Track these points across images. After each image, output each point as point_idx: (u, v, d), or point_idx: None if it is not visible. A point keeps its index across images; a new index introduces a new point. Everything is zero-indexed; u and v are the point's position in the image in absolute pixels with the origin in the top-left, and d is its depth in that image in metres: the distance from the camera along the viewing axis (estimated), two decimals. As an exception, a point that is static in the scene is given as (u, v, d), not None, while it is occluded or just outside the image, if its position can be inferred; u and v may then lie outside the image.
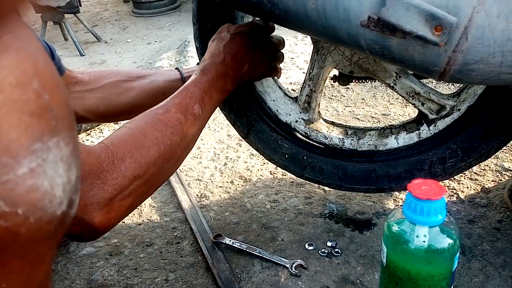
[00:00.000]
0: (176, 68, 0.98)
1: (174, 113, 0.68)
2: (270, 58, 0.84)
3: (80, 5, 2.61)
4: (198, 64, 0.97)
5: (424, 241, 0.52)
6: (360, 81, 0.93)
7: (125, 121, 0.70)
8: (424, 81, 0.90)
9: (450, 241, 0.53)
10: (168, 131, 0.66)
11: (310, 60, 0.90)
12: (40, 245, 0.31)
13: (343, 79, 0.92)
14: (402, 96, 0.89)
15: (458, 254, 0.55)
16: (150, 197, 1.13)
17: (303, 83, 0.93)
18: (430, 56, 0.58)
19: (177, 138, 0.67)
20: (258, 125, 0.92)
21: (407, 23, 0.56)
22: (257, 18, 0.89)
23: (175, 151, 0.66)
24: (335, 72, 0.91)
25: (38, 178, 0.28)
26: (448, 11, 0.55)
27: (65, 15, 2.58)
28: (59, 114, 0.30)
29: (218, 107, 0.90)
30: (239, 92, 0.90)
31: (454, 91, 0.90)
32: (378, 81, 0.89)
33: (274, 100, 0.94)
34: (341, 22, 0.60)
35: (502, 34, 0.55)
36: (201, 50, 0.86)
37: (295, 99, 0.95)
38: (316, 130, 0.96)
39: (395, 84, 0.87)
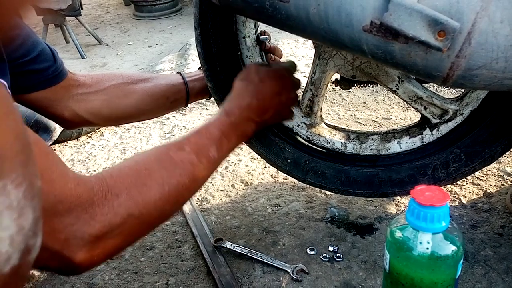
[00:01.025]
0: (178, 72, 0.98)
1: (187, 153, 0.64)
2: (293, 102, 0.84)
3: (82, 8, 2.62)
4: (199, 69, 0.97)
5: (427, 248, 0.52)
6: (362, 86, 0.92)
7: (126, 124, 0.69)
8: (427, 85, 0.89)
9: (454, 248, 0.52)
10: (176, 172, 0.61)
11: (312, 64, 0.90)
12: None
13: (345, 83, 0.91)
14: (405, 101, 0.88)
15: (461, 261, 0.54)
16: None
17: (305, 88, 0.92)
18: (433, 61, 0.58)
19: (185, 181, 0.61)
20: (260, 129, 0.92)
21: (410, 28, 0.56)
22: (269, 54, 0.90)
23: (181, 194, 0.61)
24: (337, 76, 0.91)
25: None
26: (451, 16, 0.55)
27: (67, 18, 2.58)
28: (6, 152, 0.27)
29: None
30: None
31: (457, 95, 0.89)
32: (380, 86, 0.89)
33: (276, 104, 0.94)
34: (343, 27, 0.60)
35: (506, 40, 0.55)
36: (203, 55, 0.86)
37: (297, 104, 0.94)
38: (318, 135, 0.95)
39: (397, 89, 0.87)
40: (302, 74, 1.75)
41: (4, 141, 0.27)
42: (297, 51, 2.01)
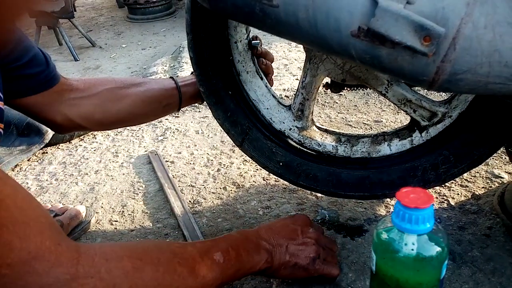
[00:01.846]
0: (171, 77, 0.99)
1: (190, 250, 0.61)
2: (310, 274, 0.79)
3: (75, 10, 2.62)
4: (192, 73, 0.97)
5: (412, 249, 0.53)
6: (352, 89, 0.94)
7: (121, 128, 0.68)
8: (416, 88, 0.91)
9: (439, 249, 0.54)
10: (174, 260, 0.57)
11: (303, 68, 0.91)
12: None
13: (336, 86, 0.93)
14: (394, 104, 0.90)
15: (446, 261, 0.55)
16: (142, 203, 1.13)
17: (296, 91, 0.94)
18: (419, 66, 0.59)
19: (183, 270, 0.57)
20: (252, 133, 0.93)
21: (396, 33, 0.57)
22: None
23: (175, 281, 0.56)
24: (327, 80, 0.92)
25: None
26: (437, 22, 0.56)
27: (60, 20, 2.58)
28: None
29: (212, 115, 0.91)
30: (233, 101, 0.91)
31: (446, 98, 0.91)
32: (370, 89, 0.90)
33: (268, 109, 0.95)
34: (332, 32, 0.61)
35: (489, 45, 0.56)
36: (195, 60, 0.86)
37: (289, 107, 0.95)
38: (310, 138, 0.96)
39: (387, 92, 0.88)
40: (295, 77, 1.76)
41: None
42: (290, 54, 2.02)
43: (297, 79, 1.71)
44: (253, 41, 0.91)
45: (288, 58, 1.98)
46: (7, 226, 0.44)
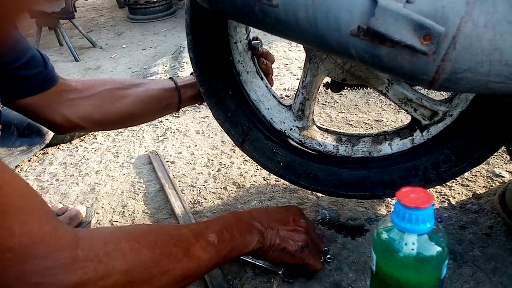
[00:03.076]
0: (170, 78, 0.99)
1: (185, 232, 0.63)
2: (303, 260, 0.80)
3: (75, 11, 2.62)
4: (192, 74, 0.97)
5: (412, 249, 0.53)
6: (353, 88, 0.93)
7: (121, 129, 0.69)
8: (416, 87, 0.91)
9: (439, 248, 0.53)
10: (170, 242, 0.59)
11: (303, 68, 0.91)
12: None
13: (336, 86, 0.93)
14: (395, 103, 0.89)
15: (446, 261, 0.55)
16: (143, 203, 1.13)
17: (297, 91, 0.93)
18: (419, 65, 0.59)
19: (179, 252, 0.59)
20: (253, 133, 0.93)
21: (396, 32, 0.57)
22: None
23: (172, 264, 0.57)
24: (328, 79, 0.92)
25: None
26: (436, 20, 0.56)
27: (60, 20, 2.58)
28: None
29: (212, 116, 0.91)
30: (233, 102, 0.91)
31: (446, 97, 0.91)
32: (371, 88, 0.90)
33: (268, 109, 0.95)
34: (331, 31, 0.61)
35: (489, 44, 0.56)
36: (195, 60, 0.86)
37: (289, 107, 0.95)
38: (311, 138, 0.96)
39: (387, 91, 0.88)
40: (295, 77, 1.76)
41: None
42: (290, 53, 2.02)
43: (297, 79, 1.71)
44: (253, 42, 0.91)
45: (288, 57, 1.98)
46: (8, 212, 0.45)
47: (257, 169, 1.22)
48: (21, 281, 0.45)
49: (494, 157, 1.16)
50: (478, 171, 1.12)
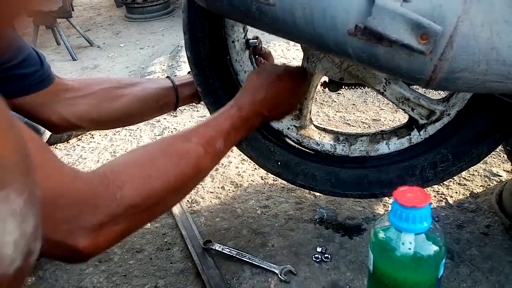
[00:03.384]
0: (168, 77, 0.99)
1: (194, 144, 0.65)
2: (301, 101, 0.86)
3: (73, 10, 2.61)
4: (189, 73, 0.97)
5: (410, 248, 0.53)
6: (351, 88, 0.93)
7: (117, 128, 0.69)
8: (414, 86, 0.91)
9: (436, 248, 0.53)
10: (182, 163, 0.62)
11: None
12: None
13: (333, 85, 0.92)
14: (392, 102, 0.89)
15: (444, 260, 0.55)
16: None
17: (294, 90, 0.93)
18: (417, 64, 0.59)
19: (190, 171, 0.63)
20: None
21: (393, 32, 0.56)
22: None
23: (184, 184, 0.63)
24: (325, 78, 0.92)
25: None
26: (434, 20, 0.56)
27: (58, 19, 2.57)
28: (8, 163, 0.28)
29: (210, 115, 0.91)
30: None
31: (444, 96, 0.90)
32: (368, 87, 0.90)
33: (265, 108, 0.94)
34: (328, 30, 0.61)
35: (487, 43, 0.56)
36: (193, 60, 0.86)
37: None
38: (308, 137, 0.96)
39: (384, 90, 0.88)
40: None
41: (6, 153, 0.28)
42: (288, 53, 2.02)
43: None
44: (250, 41, 0.91)
45: (286, 57, 1.98)
46: (34, 168, 0.47)
47: (255, 169, 1.21)
48: (55, 230, 0.49)
49: (491, 156, 1.16)
50: (476, 170, 1.12)
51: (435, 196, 1.05)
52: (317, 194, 1.08)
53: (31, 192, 0.30)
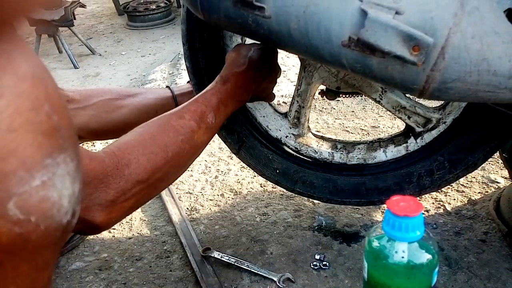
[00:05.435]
0: (167, 87, 1.00)
1: (187, 120, 0.70)
2: (274, 84, 0.89)
3: (75, 18, 2.63)
4: (188, 82, 0.98)
5: (403, 257, 0.54)
6: (347, 96, 0.94)
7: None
8: (409, 95, 0.92)
9: (429, 256, 0.54)
10: (178, 138, 0.68)
11: (298, 76, 0.92)
12: (46, 251, 0.34)
13: (331, 94, 0.93)
14: (389, 110, 0.90)
15: (437, 269, 0.56)
16: (140, 210, 1.14)
17: (292, 99, 0.94)
18: (409, 75, 0.60)
19: (186, 146, 0.69)
20: (249, 141, 0.93)
21: (386, 43, 0.58)
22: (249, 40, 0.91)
23: (183, 158, 0.69)
24: (322, 87, 0.93)
25: (49, 190, 0.32)
26: (426, 32, 0.57)
27: (60, 28, 2.59)
28: (66, 133, 0.34)
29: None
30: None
31: (440, 104, 0.91)
32: (365, 96, 0.91)
33: (264, 116, 0.96)
34: (323, 42, 0.62)
35: (477, 54, 0.57)
36: (191, 70, 0.87)
37: (285, 115, 0.96)
38: (306, 145, 0.97)
39: (381, 99, 0.89)
40: (292, 84, 1.77)
41: (66, 124, 0.34)
42: (288, 60, 2.03)
43: (294, 85, 1.72)
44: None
45: (286, 64, 1.99)
46: None
47: (254, 176, 1.22)
48: None
49: (489, 163, 1.17)
50: (474, 177, 1.13)
51: (433, 203, 1.06)
52: (316, 201, 1.09)
53: (78, 160, 0.36)
